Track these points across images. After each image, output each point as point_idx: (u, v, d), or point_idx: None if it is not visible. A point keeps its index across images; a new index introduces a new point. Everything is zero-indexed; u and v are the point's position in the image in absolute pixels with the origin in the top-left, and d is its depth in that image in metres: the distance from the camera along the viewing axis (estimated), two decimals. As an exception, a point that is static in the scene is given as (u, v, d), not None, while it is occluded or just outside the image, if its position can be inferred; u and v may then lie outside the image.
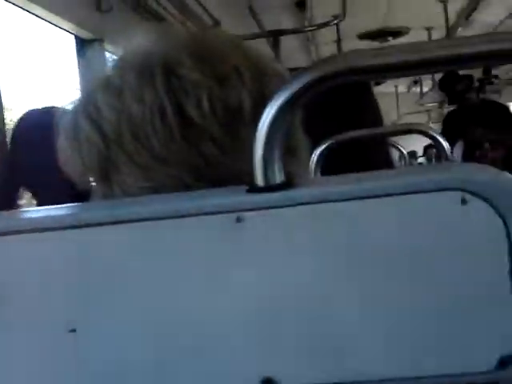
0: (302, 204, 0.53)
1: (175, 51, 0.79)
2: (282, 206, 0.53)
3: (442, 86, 5.10)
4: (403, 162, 2.19)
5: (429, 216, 0.53)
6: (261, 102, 0.71)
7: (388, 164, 1.61)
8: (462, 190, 0.52)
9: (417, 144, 8.71)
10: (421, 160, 10.19)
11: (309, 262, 0.53)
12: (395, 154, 2.08)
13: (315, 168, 1.44)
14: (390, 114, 11.00)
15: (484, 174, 0.55)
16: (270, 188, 0.55)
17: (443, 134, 5.01)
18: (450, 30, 6.83)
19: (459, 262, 0.52)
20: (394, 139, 1.89)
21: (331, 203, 0.52)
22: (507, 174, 0.55)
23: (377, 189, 0.52)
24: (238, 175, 0.75)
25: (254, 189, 0.56)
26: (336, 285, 0.52)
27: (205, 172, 0.76)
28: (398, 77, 0.53)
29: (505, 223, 0.52)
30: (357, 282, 0.52)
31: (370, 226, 0.52)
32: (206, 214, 0.54)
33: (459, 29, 6.96)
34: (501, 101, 7.01)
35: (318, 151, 1.45)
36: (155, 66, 0.77)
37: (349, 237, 0.52)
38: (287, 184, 0.55)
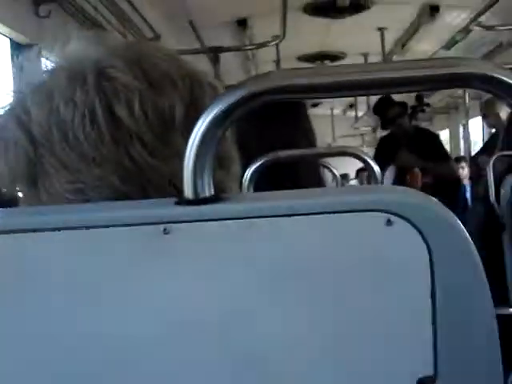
0: (229, 219, 0.53)
1: (109, 55, 0.78)
2: (209, 220, 0.53)
3: (375, 110, 5.21)
4: (335, 184, 2.22)
5: (354, 236, 0.53)
6: (194, 114, 0.71)
7: (319, 185, 1.63)
8: (388, 211, 0.53)
9: (349, 167, 8.87)
10: (353, 182, 10.38)
11: (233, 276, 0.53)
12: (328, 176, 2.11)
13: (248, 185, 1.45)
14: (326, 136, 11.17)
15: (410, 197, 0.56)
16: (198, 201, 0.55)
17: (376, 157, 5.12)
18: (385, 57, 7.00)
19: (382, 284, 0.53)
20: (327, 161, 1.91)
21: (258, 219, 0.52)
22: (433, 199, 0.56)
23: (303, 207, 0.53)
24: (168, 180, 0.75)
25: (182, 201, 0.55)
26: (259, 299, 0.52)
27: (134, 175, 0.75)
28: (329, 97, 0.54)
29: (428, 246, 0.53)
30: (280, 298, 0.52)
31: (296, 243, 0.53)
32: (134, 224, 0.54)
33: (394, 56, 7.14)
34: (432, 129, 7.20)
35: (251, 168, 1.45)
36: (87, 68, 0.76)
37: (274, 253, 0.53)
38: (216, 198, 0.55)
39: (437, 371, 0.53)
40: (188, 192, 0.55)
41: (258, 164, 1.43)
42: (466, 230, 0.54)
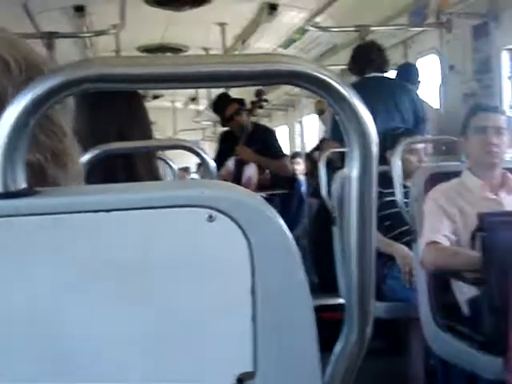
0: (40, 214, 0.50)
1: None
2: (18, 215, 0.50)
3: (214, 108, 5.24)
4: (173, 178, 2.20)
5: (174, 232, 0.52)
6: None
7: (154, 177, 1.61)
8: (210, 207, 0.52)
9: (192, 160, 8.88)
10: (194, 175, 10.41)
11: (41, 274, 0.50)
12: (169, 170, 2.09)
13: (79, 177, 1.39)
14: (167, 129, 11.10)
15: (232, 193, 0.55)
16: (7, 195, 0.51)
17: (218, 152, 5.14)
18: (226, 52, 7.07)
19: (202, 281, 0.52)
20: (168, 154, 1.89)
21: (71, 214, 0.50)
22: (254, 195, 0.56)
23: (122, 201, 0.51)
24: None
25: (-10, 195, 0.51)
26: (68, 298, 0.50)
27: None
28: (151, 88, 0.52)
29: (249, 242, 0.53)
30: (90, 297, 0.50)
31: (113, 240, 0.51)
32: None
33: (235, 52, 7.23)
34: (270, 125, 7.37)
35: (83, 160, 1.40)
36: None
37: (88, 250, 0.50)
38: (28, 192, 0.52)
39: (256, 367, 0.53)
40: (-3, 185, 0.51)
41: (89, 156, 1.37)
42: (287, 226, 0.55)
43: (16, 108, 0.50)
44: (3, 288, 0.50)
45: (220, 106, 5.05)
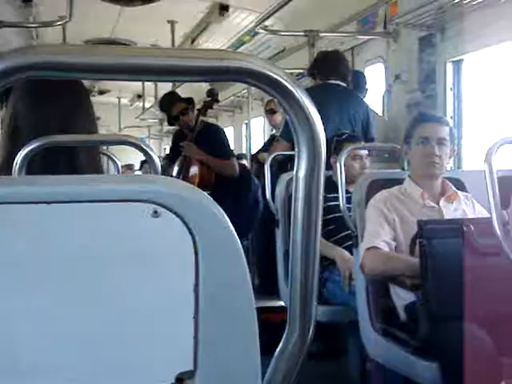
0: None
1: None
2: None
3: (160, 106, 5.19)
4: (117, 173, 2.17)
5: (118, 226, 0.51)
6: None
7: (97, 172, 1.57)
8: (154, 202, 0.52)
9: (135, 158, 8.79)
10: (137, 173, 10.30)
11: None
12: (112, 167, 2.05)
13: (19, 169, 1.36)
14: (112, 126, 10.96)
15: (177, 189, 0.55)
16: None
17: (170, 150, 5.09)
18: (175, 50, 7.02)
19: (144, 278, 0.51)
20: (111, 150, 1.86)
21: (11, 205, 0.48)
22: (199, 191, 0.56)
23: (65, 194, 0.49)
24: None
25: None
26: (11, 298, 0.48)
27: None
28: (91, 79, 0.51)
29: (193, 238, 0.52)
30: (27, 289, 0.48)
31: (55, 233, 0.49)
32: None
33: (184, 51, 7.18)
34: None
35: (23, 152, 1.36)
36: None
37: (25, 242, 0.48)
38: (-34, 180, 0.50)
39: (196, 365, 0.52)
40: None
41: (30, 147, 1.34)
42: (231, 223, 0.54)
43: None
44: None
45: (166, 104, 5.01)
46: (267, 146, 5.68)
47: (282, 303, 3.65)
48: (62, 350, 0.50)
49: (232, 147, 5.38)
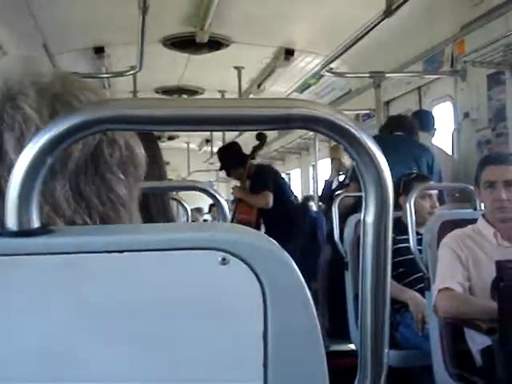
0: (54, 253, 0.49)
1: (26, 82, 0.70)
2: (33, 254, 0.49)
3: (218, 154, 5.32)
4: (186, 218, 2.20)
5: (187, 274, 0.52)
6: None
7: (167, 218, 1.60)
8: (223, 250, 0.52)
9: (204, 201, 8.91)
10: (206, 217, 10.41)
11: (54, 313, 0.49)
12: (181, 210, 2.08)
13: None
14: (181, 170, 11.17)
15: (246, 236, 0.55)
16: (22, 233, 0.51)
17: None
18: (241, 95, 7.13)
19: (213, 326, 0.51)
20: (181, 194, 1.89)
21: (85, 254, 0.49)
22: (267, 238, 0.56)
23: (135, 243, 0.50)
24: None
25: (4, 233, 0.51)
26: (82, 337, 0.49)
27: None
28: (165, 130, 0.52)
29: (262, 286, 0.52)
30: (102, 337, 0.49)
31: (125, 281, 0.50)
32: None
33: (251, 95, 7.30)
34: (283, 168, 7.40)
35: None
36: None
37: (100, 290, 0.50)
38: (43, 230, 0.52)
39: (266, 415, 0.52)
40: (11, 224, 0.51)
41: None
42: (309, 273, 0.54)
43: (33, 147, 0.50)
44: (17, 326, 0.49)
45: (224, 153, 5.15)
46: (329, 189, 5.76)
47: (352, 346, 3.59)
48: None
49: (299, 189, 5.41)
